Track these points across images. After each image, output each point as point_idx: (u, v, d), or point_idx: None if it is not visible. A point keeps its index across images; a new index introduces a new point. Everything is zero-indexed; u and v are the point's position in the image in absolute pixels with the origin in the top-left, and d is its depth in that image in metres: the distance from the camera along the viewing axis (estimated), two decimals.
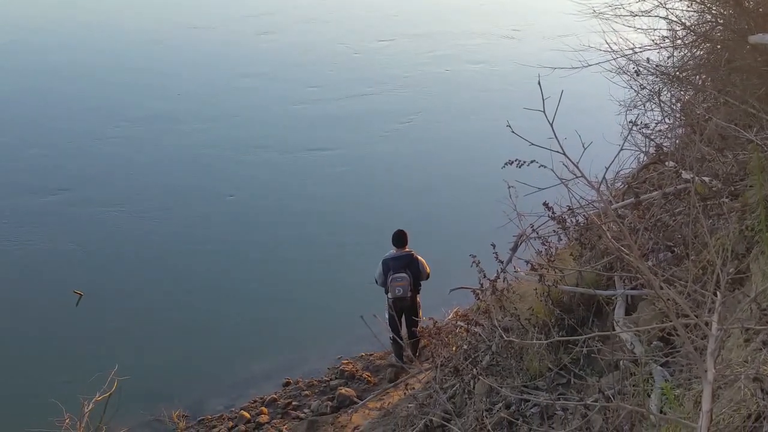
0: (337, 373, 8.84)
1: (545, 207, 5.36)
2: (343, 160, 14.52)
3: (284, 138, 15.40)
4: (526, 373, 4.95)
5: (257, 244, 11.67)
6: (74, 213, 12.29)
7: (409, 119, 16.54)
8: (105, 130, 15.58)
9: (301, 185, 13.43)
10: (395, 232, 8.14)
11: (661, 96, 6.78)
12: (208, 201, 12.87)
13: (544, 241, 5.42)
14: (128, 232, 11.84)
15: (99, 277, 10.60)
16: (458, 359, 5.65)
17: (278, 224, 12.18)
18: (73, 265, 10.91)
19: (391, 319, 7.92)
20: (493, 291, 5.49)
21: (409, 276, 7.97)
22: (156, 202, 12.73)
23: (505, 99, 16.91)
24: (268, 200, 13.00)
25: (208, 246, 11.54)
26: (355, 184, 13.65)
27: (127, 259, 11.18)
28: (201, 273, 10.87)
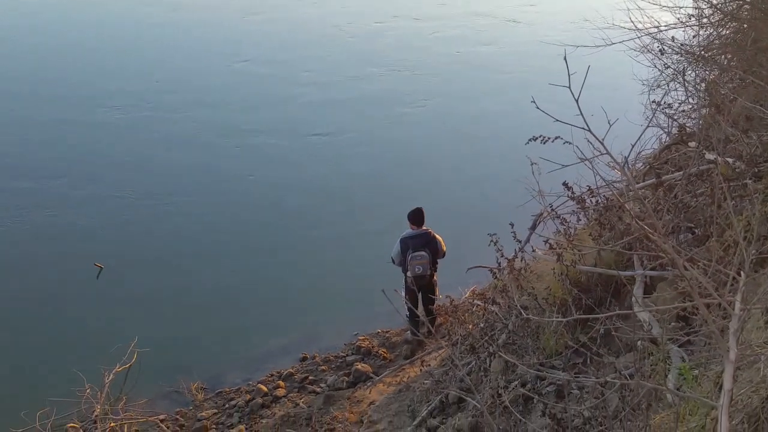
0: (354, 349, 8.88)
1: (565, 187, 5.33)
2: (353, 144, 14.41)
3: (286, 123, 15.23)
4: (542, 351, 4.98)
5: (275, 224, 11.70)
6: (86, 194, 12.32)
7: (422, 102, 16.37)
8: (96, 114, 15.39)
9: (314, 167, 13.41)
10: (413, 210, 8.12)
11: (685, 75, 6.68)
12: (225, 182, 12.90)
13: (563, 221, 5.39)
14: (147, 211, 11.90)
15: (119, 251, 10.69)
16: (475, 337, 5.67)
17: (294, 204, 12.20)
18: (92, 240, 10.99)
19: (410, 294, 7.95)
20: (510, 270, 5.50)
21: (428, 254, 7.97)
22: (172, 183, 12.77)
23: (523, 80, 16.79)
24: (283, 181, 12.99)
25: (228, 225, 11.59)
26: (370, 166, 13.59)
27: (146, 235, 11.26)
28: (220, 250, 10.92)
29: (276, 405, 8.01)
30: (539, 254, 5.76)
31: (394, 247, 8.17)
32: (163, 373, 8.33)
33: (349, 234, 11.30)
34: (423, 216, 8.09)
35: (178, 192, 12.48)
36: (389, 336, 9.13)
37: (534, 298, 5.14)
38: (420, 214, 8.08)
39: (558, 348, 4.86)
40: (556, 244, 5.10)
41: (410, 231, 8.10)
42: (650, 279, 4.88)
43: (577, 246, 5.13)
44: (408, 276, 8.02)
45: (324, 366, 8.64)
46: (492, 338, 5.48)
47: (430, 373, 6.18)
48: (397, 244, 8.12)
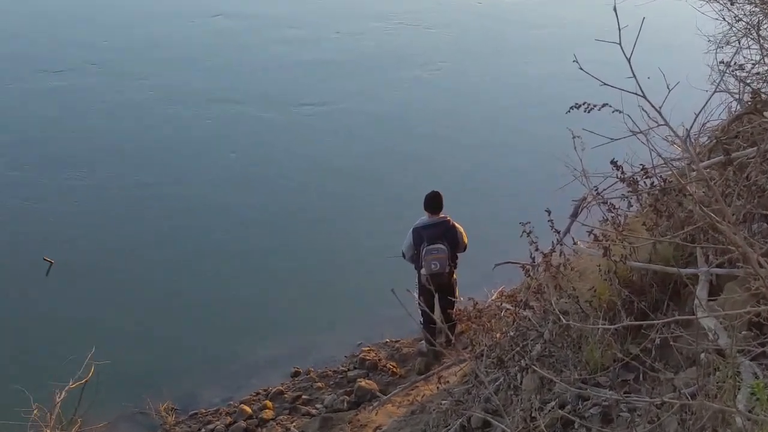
0: (357, 362, 8.92)
1: (613, 166, 5.31)
2: (352, 115, 14.42)
3: (269, 90, 15.27)
4: (585, 365, 4.95)
5: (260, 209, 11.78)
6: (31, 176, 12.37)
7: (437, 63, 16.33)
8: (37, 80, 15.42)
9: (306, 144, 13.47)
10: (429, 194, 8.12)
11: (760, 30, 6.63)
12: (199, 163, 12.97)
13: (610, 207, 5.37)
14: (108, 195, 11.98)
15: (74, 242, 10.77)
16: (503, 348, 5.66)
17: (284, 188, 12.29)
18: (39, 229, 11.07)
19: (425, 296, 7.96)
20: (546, 267, 5.47)
21: (446, 247, 7.97)
22: (134, 163, 12.82)
23: (561, 36, 16.73)
24: (270, 161, 13.08)
25: (206, 212, 11.69)
26: (374, 142, 13.65)
27: (106, 223, 11.33)
28: (196, 244, 11.01)
29: (263, 429, 8.03)
30: (582, 247, 5.72)
31: (405, 238, 8.17)
32: (127, 390, 8.38)
33: (350, 223, 11.36)
34: (441, 201, 8.09)
35: (144, 173, 12.54)
36: (399, 347, 9.17)
37: (575, 300, 5.11)
38: (437, 199, 8.08)
39: (604, 361, 4.83)
40: (602, 236, 5.07)
41: (425, 219, 8.10)
42: (717, 278, 4.86)
43: (629, 238, 5.09)
44: (422, 274, 8.03)
45: (320, 383, 8.68)
46: (524, 349, 5.46)
47: (449, 391, 6.16)
48: (408, 234, 8.12)
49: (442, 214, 8.11)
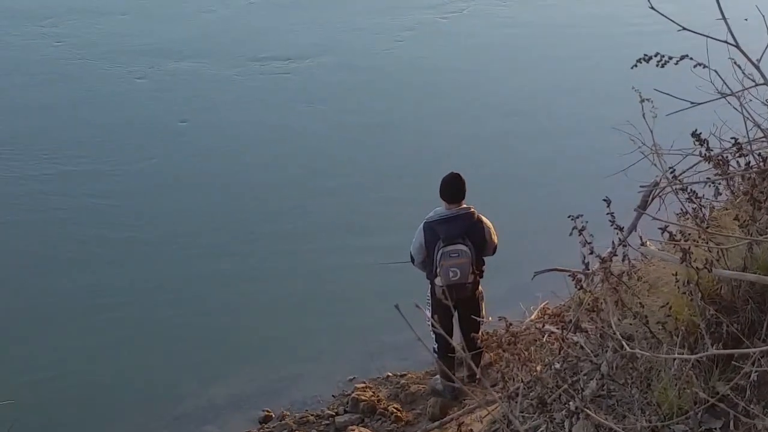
0: (348, 403, 8.90)
1: (696, 140, 5.29)
2: (335, 72, 14.48)
3: (222, 40, 15.43)
4: (656, 409, 4.96)
5: (224, 202, 11.89)
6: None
7: (456, 4, 16.31)
8: None
9: (275, 111, 13.59)
10: (446, 177, 8.04)
11: None
12: (138, 135, 13.10)
13: (691, 196, 5.36)
14: (24, 179, 12.07)
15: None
16: (545, 385, 5.66)
17: (252, 172, 12.42)
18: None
19: (441, 315, 7.95)
20: (605, 276, 5.46)
21: (470, 250, 7.93)
22: (53, 134, 12.93)
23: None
24: (231, 134, 13.19)
25: (150, 201, 11.81)
26: (363, 108, 13.72)
27: (20, 220, 11.48)
28: (139, 246, 11.09)
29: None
30: (652, 250, 5.71)
31: (414, 236, 8.15)
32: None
33: (337, 216, 11.40)
34: (463, 186, 8.04)
35: (53, 156, 12.59)
36: (405, 383, 9.13)
37: (643, 321, 5.11)
38: (457, 184, 8.03)
39: (682, 404, 4.83)
40: (680, 234, 5.05)
41: (441, 210, 8.06)
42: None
43: (716, 237, 5.09)
44: (437, 285, 8.02)
45: (299, 431, 8.66)
46: (574, 387, 5.46)
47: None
48: (418, 231, 8.07)
49: (465, 204, 8.08)
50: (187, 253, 10.91)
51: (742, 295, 5.14)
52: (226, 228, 11.46)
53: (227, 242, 11.13)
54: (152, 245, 11.07)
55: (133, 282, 10.51)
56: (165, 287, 10.46)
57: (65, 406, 8.90)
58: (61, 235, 11.32)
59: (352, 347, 9.56)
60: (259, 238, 11.12)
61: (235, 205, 11.84)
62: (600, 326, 5.51)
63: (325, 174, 12.21)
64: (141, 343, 9.69)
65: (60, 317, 9.96)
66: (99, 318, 9.99)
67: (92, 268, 10.76)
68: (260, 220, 11.45)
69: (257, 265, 10.69)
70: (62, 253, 10.98)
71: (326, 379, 9.34)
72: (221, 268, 10.68)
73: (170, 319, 10.00)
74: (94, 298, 10.24)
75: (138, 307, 10.17)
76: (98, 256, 10.99)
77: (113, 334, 9.82)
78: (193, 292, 10.45)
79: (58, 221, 11.54)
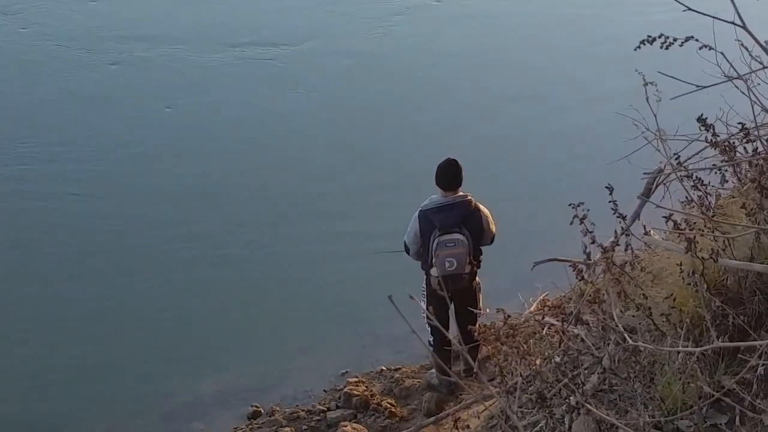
0: (340, 398, 8.87)
1: (701, 124, 5.23)
2: (325, 58, 14.47)
3: (200, 24, 15.44)
4: (659, 404, 4.93)
5: (209, 191, 11.86)
6: None
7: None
8: None
9: (261, 99, 13.59)
10: (442, 163, 8.01)
11: None
12: (114, 123, 13.05)
13: (697, 183, 5.30)
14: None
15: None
16: (545, 379, 5.61)
17: (241, 160, 12.41)
18: None
19: (437, 307, 7.88)
20: (607, 266, 5.41)
21: (467, 239, 7.88)
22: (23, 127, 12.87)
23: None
24: (215, 124, 13.18)
25: (132, 190, 11.78)
26: (356, 91, 13.75)
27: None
28: (119, 237, 11.04)
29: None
30: (656, 239, 5.67)
31: (409, 225, 8.09)
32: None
33: (328, 205, 11.40)
34: (460, 173, 8.00)
35: (38, 143, 12.56)
36: (400, 377, 9.11)
37: (647, 313, 5.05)
38: (454, 170, 7.99)
39: (686, 398, 4.79)
40: (685, 223, 4.98)
41: (437, 198, 8.01)
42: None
43: (722, 226, 5.02)
44: (433, 275, 7.96)
45: (289, 427, 8.61)
46: (575, 381, 5.40)
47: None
48: (413, 220, 8.04)
49: (461, 192, 8.02)
50: (173, 245, 10.88)
51: (749, 286, 5.13)
52: (213, 219, 11.45)
53: (214, 233, 11.11)
54: (137, 236, 11.05)
55: (117, 275, 10.48)
56: (150, 280, 10.44)
57: (48, 400, 8.87)
58: (43, 225, 11.30)
59: (344, 340, 9.55)
60: (246, 228, 11.11)
61: (223, 195, 11.84)
62: (602, 318, 5.49)
63: (315, 162, 12.22)
64: (126, 338, 9.67)
65: (42, 311, 9.92)
66: (82, 311, 9.98)
67: (74, 259, 10.74)
68: (248, 210, 11.43)
69: (245, 256, 10.67)
70: (46, 244, 10.96)
71: (317, 373, 9.32)
72: (208, 261, 10.65)
73: (156, 313, 9.98)
74: (76, 290, 10.22)
75: (122, 301, 10.14)
76: (81, 247, 10.98)
77: (97, 327, 9.80)
78: (178, 285, 10.43)
79: (38, 211, 11.52)
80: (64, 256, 10.75)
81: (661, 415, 4.84)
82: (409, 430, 7.86)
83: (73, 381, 9.11)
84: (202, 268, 10.50)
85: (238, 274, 10.35)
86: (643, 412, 4.88)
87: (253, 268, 10.49)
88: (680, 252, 4.98)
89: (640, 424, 4.76)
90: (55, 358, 9.37)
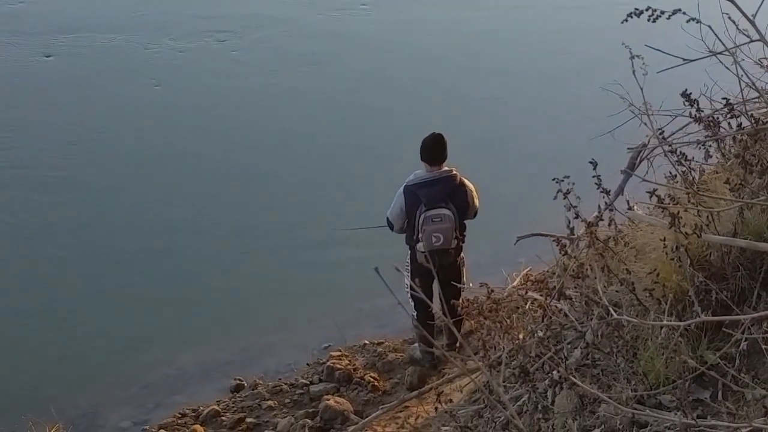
0: (323, 372, 8.91)
1: (686, 99, 5.27)
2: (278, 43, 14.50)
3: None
4: (642, 378, 4.97)
5: (189, 163, 11.98)
6: None
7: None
8: None
9: (225, 85, 13.64)
10: (427, 138, 7.98)
11: None
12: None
13: (681, 158, 5.35)
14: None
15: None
16: (528, 354, 5.66)
17: (218, 135, 12.54)
18: None
19: (422, 280, 7.95)
20: (591, 241, 5.45)
21: (453, 214, 7.91)
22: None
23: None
24: (172, 111, 13.29)
25: (109, 164, 11.90)
26: (339, 67, 13.84)
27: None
28: (99, 210, 11.12)
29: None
30: (640, 214, 5.70)
31: (393, 201, 8.12)
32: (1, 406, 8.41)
33: (313, 179, 11.44)
34: (445, 148, 8.00)
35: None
36: (383, 351, 9.17)
37: (630, 288, 5.10)
38: (439, 145, 7.98)
39: (669, 373, 4.83)
40: (668, 198, 5.03)
41: (422, 173, 8.02)
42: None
43: (705, 201, 5.08)
44: (419, 251, 7.98)
45: (272, 400, 8.66)
46: (558, 356, 5.46)
47: (453, 413, 6.17)
48: (397, 195, 8.04)
49: (446, 167, 8.05)
50: (154, 220, 10.92)
51: (732, 261, 5.15)
52: (194, 196, 11.48)
53: (196, 210, 11.14)
54: (120, 212, 11.07)
55: (98, 249, 10.50)
56: (131, 254, 10.46)
57: (29, 372, 8.92)
58: (22, 204, 11.33)
59: (326, 314, 9.51)
60: (230, 203, 11.14)
61: (205, 173, 11.87)
62: (585, 293, 5.52)
63: (300, 137, 12.26)
64: (106, 310, 9.69)
65: (22, 283, 9.96)
66: (61, 284, 10.02)
67: (57, 233, 10.76)
68: (228, 183, 11.44)
69: (227, 230, 10.68)
70: (26, 221, 11.00)
71: (300, 346, 9.34)
72: (189, 234, 10.69)
73: (137, 286, 10.00)
74: (58, 264, 10.25)
75: (103, 274, 10.16)
76: (63, 221, 11.00)
77: (76, 300, 9.84)
78: (159, 258, 10.45)
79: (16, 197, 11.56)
80: (43, 230, 10.83)
81: (644, 389, 4.89)
82: (392, 404, 7.87)
83: (54, 353, 9.14)
84: (183, 244, 10.55)
85: (219, 249, 10.36)
86: (626, 387, 4.92)
87: (235, 240, 10.50)
88: (664, 227, 5.02)
89: (623, 398, 4.81)
90: (36, 330, 9.39)
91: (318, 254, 10.19)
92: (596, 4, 14.33)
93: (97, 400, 8.81)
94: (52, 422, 8.34)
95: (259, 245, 10.35)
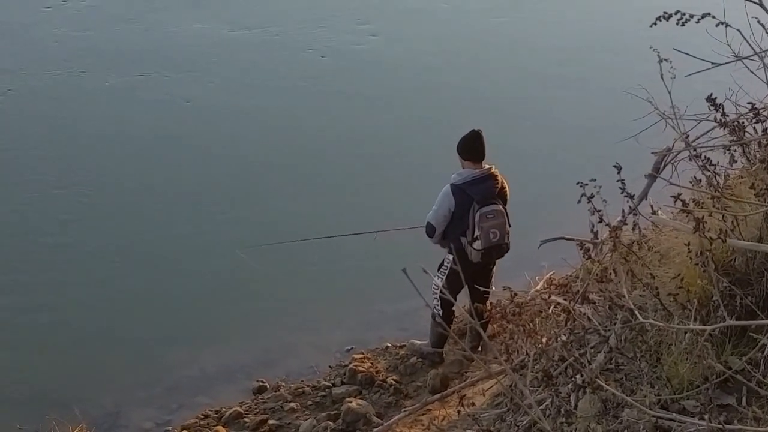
0: (345, 374, 8.90)
1: (711, 104, 5.28)
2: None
3: None
4: (666, 383, 4.97)
5: (206, 161, 11.98)
6: None
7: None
8: None
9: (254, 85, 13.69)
10: (468, 135, 8.03)
11: None
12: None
13: (706, 163, 5.35)
14: None
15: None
16: (551, 358, 5.67)
17: (240, 133, 12.58)
18: None
19: (455, 287, 8.01)
20: (614, 245, 5.45)
21: (504, 209, 7.98)
22: None
23: None
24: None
25: (127, 158, 11.98)
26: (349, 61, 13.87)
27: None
28: (116, 211, 11.15)
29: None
30: (664, 219, 5.71)
31: (437, 204, 8.09)
32: (24, 408, 8.45)
33: (334, 178, 11.52)
34: (484, 145, 8.04)
35: None
36: (405, 354, 9.11)
37: (654, 293, 5.11)
38: (482, 142, 8.02)
39: (694, 378, 4.84)
40: (693, 202, 5.03)
41: (467, 173, 8.02)
42: None
43: (731, 206, 5.08)
44: (475, 249, 7.96)
45: (294, 402, 8.67)
46: (581, 360, 5.47)
47: (475, 417, 6.19)
48: (443, 196, 8.02)
49: (485, 164, 8.07)
50: (176, 218, 10.97)
51: (757, 266, 5.15)
52: (219, 192, 11.52)
53: (219, 207, 11.17)
54: (148, 210, 11.13)
55: (120, 248, 10.53)
56: (153, 253, 10.50)
57: (52, 373, 8.94)
58: (43, 204, 11.38)
59: (349, 316, 9.57)
60: (251, 201, 11.17)
61: (219, 170, 11.91)
62: (609, 297, 5.52)
63: (316, 136, 12.30)
64: (130, 312, 9.71)
65: (46, 283, 9.99)
66: (85, 284, 10.04)
67: (76, 230, 10.80)
68: (249, 185, 11.51)
69: (250, 230, 10.64)
70: (45, 217, 11.03)
71: (323, 349, 9.34)
72: (214, 234, 10.71)
73: (161, 287, 10.04)
74: (82, 264, 10.29)
75: (128, 275, 10.18)
76: (85, 216, 11.06)
77: (100, 301, 9.86)
78: (183, 259, 10.48)
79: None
80: (61, 228, 10.87)
81: (668, 394, 4.91)
82: (415, 407, 7.87)
83: (77, 354, 9.18)
84: (207, 240, 10.58)
85: (244, 255, 10.33)
86: (650, 392, 4.94)
87: (264, 247, 10.42)
88: (688, 232, 5.01)
89: (647, 403, 4.82)
90: (58, 330, 9.41)
91: (341, 256, 10.17)
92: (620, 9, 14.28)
93: (121, 400, 8.81)
94: (76, 422, 8.37)
95: (280, 250, 10.30)
